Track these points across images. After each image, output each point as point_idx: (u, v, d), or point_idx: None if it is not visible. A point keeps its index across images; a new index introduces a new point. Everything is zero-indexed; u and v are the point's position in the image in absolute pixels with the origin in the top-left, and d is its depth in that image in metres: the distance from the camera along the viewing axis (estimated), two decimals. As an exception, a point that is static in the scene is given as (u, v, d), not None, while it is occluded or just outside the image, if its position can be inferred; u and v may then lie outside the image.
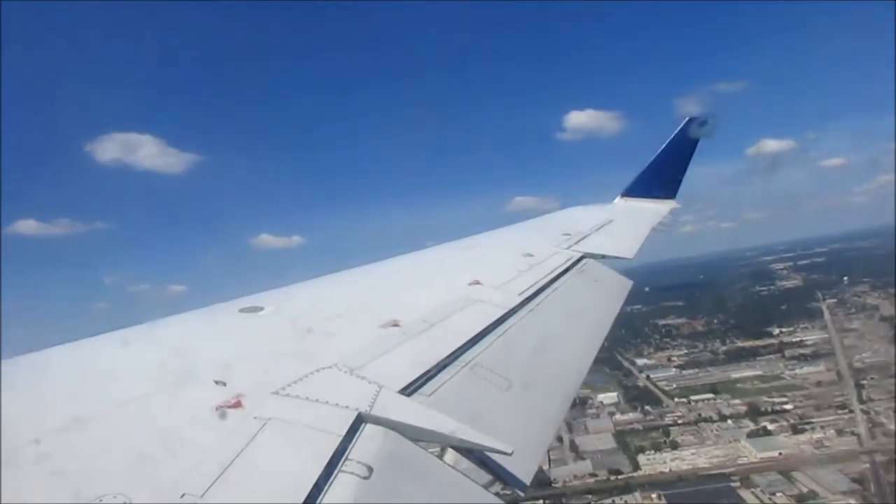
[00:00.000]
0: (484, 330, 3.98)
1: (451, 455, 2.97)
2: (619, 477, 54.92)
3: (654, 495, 50.81)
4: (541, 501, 53.55)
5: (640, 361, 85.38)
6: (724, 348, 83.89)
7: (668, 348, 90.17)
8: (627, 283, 6.47)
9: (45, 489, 1.93)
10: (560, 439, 65.03)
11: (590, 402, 73.94)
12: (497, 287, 4.93)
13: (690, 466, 54.61)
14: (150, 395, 2.58)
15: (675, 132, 11.02)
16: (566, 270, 5.90)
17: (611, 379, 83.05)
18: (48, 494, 1.91)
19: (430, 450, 2.75)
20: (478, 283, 4.90)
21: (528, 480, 2.86)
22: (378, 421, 2.60)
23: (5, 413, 2.23)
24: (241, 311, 3.87)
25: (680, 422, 63.54)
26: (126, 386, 2.67)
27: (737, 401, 65.56)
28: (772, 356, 76.00)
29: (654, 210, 10.46)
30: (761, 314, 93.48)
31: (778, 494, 48.08)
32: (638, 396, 72.73)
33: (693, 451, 57.15)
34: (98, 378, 2.86)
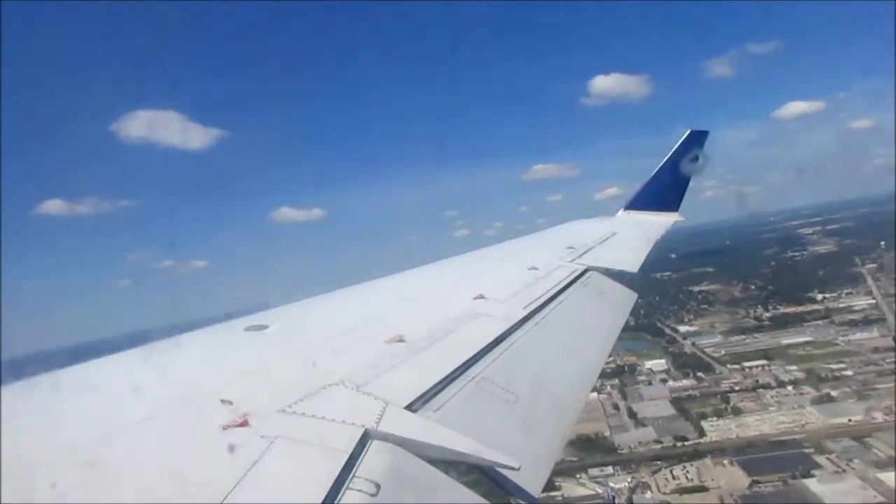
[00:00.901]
0: (489, 344, 3.99)
1: (458, 471, 2.91)
2: (686, 443, 54.61)
3: (725, 461, 50.34)
4: (610, 467, 54.26)
5: (683, 328, 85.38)
6: (767, 314, 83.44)
7: (707, 315, 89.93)
8: (632, 296, 6.52)
9: None
10: (616, 406, 65.45)
11: (638, 369, 74.28)
12: (502, 301, 4.95)
13: (758, 433, 54.06)
14: (156, 416, 2.60)
15: (678, 144, 11.09)
16: (570, 283, 5.92)
17: (653, 346, 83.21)
18: None
19: (438, 466, 2.71)
20: (482, 297, 4.92)
21: (536, 494, 2.87)
22: (385, 437, 2.62)
23: (9, 436, 2.25)
24: (247, 329, 3.92)
25: (737, 388, 62.60)
26: (132, 406, 2.69)
27: (793, 367, 64.47)
28: (820, 322, 74.96)
29: (657, 222, 10.53)
30: (799, 280, 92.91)
31: (855, 461, 47.15)
32: (687, 363, 72.56)
33: (757, 417, 56.52)
34: (104, 399, 2.89)
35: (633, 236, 9.37)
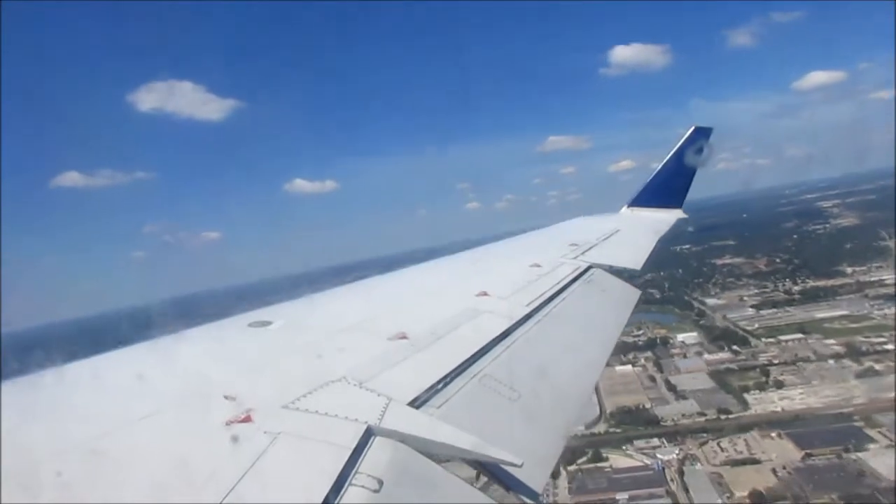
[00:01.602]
0: (492, 341, 4.00)
1: (461, 467, 2.92)
2: (730, 416, 54.78)
3: (773, 434, 50.49)
4: (655, 439, 54.67)
5: (711, 301, 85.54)
6: (796, 288, 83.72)
7: (734, 288, 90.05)
8: (635, 293, 6.51)
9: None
10: (652, 379, 65.78)
11: (670, 342, 74.53)
12: (505, 298, 4.96)
13: (804, 406, 54.28)
14: (160, 411, 2.61)
15: (682, 141, 11.09)
16: (573, 280, 5.92)
17: (683, 319, 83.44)
18: None
19: (440, 462, 2.73)
20: (485, 294, 4.94)
21: (539, 491, 2.86)
22: (387, 434, 2.63)
23: (13, 431, 2.25)
24: (251, 325, 3.94)
25: (776, 362, 62.84)
26: (136, 402, 2.70)
27: (830, 341, 64.55)
28: (852, 296, 75.33)
29: (660, 219, 10.54)
30: (825, 253, 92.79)
31: (908, 435, 47.76)
32: (720, 336, 72.59)
33: (801, 391, 56.63)
34: (108, 394, 2.90)
35: (637, 233, 9.39)
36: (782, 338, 68.02)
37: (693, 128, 11.31)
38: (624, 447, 53.39)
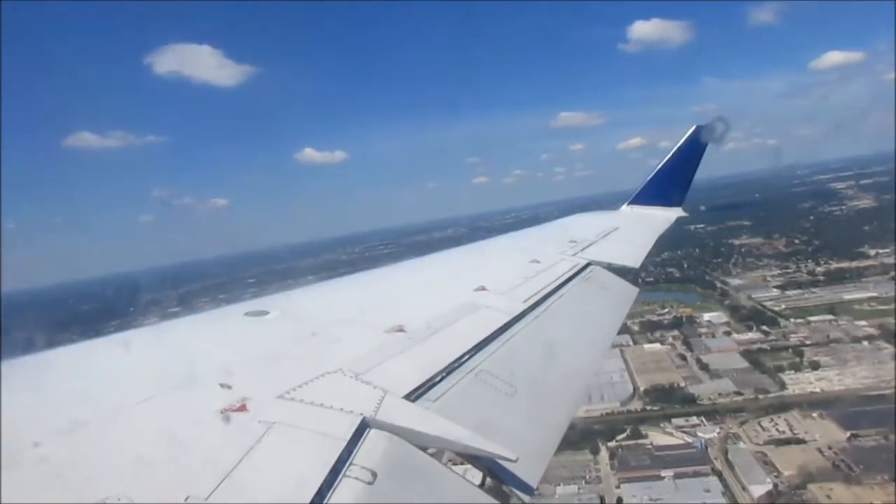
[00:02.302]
0: (489, 336, 4.01)
1: (455, 461, 2.97)
2: (768, 396, 54.93)
3: (814, 414, 50.31)
4: (694, 418, 54.92)
5: (733, 282, 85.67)
6: (819, 269, 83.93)
7: (755, 268, 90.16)
8: (633, 291, 6.48)
9: (49, 491, 1.96)
10: (683, 357, 65.94)
11: (697, 321, 74.71)
12: (503, 293, 4.98)
13: (843, 387, 54.24)
14: (155, 398, 2.61)
15: (683, 140, 11.06)
16: (572, 277, 5.93)
17: (706, 298, 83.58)
18: (51, 496, 1.93)
19: (435, 455, 2.75)
20: (484, 289, 4.94)
21: (534, 485, 2.86)
22: (383, 426, 2.63)
23: (9, 414, 2.26)
24: (247, 314, 3.95)
25: (808, 343, 63.29)
26: (132, 388, 2.70)
27: (862, 322, 64.57)
28: (879, 277, 75.71)
29: (660, 217, 10.54)
30: (844, 235, 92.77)
31: (953, 416, 47.90)
32: (748, 316, 72.80)
33: (837, 371, 56.68)
34: (104, 380, 2.90)
35: (636, 231, 9.39)
36: (812, 319, 68.14)
37: (694, 126, 11.22)
38: (662, 425, 53.65)
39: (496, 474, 2.83)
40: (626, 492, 45.25)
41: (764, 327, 68.80)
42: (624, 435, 52.65)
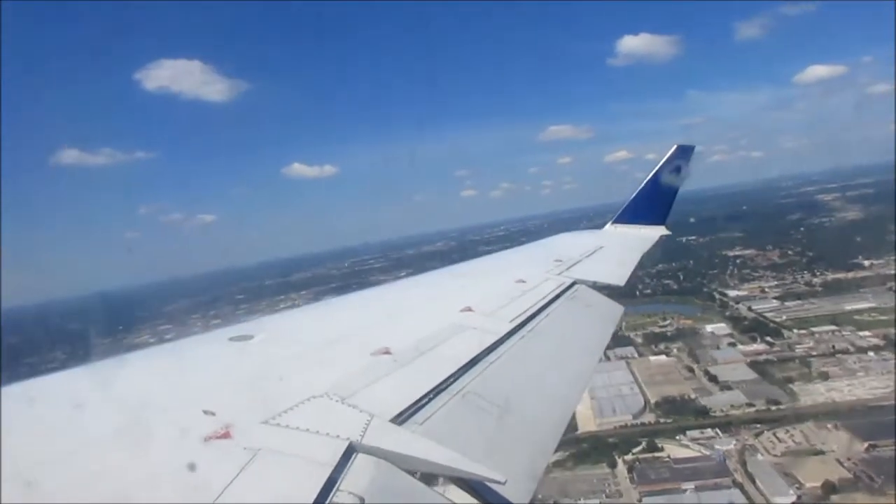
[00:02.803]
0: (476, 357, 4.00)
1: (444, 485, 2.95)
2: (780, 407, 54.76)
3: (829, 425, 50.15)
4: (709, 430, 54.82)
5: (732, 293, 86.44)
6: (816, 280, 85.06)
7: (752, 279, 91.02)
8: (619, 309, 6.52)
9: None
10: (690, 369, 66.12)
11: (699, 332, 75.11)
12: (489, 314, 4.98)
13: (854, 398, 54.09)
14: (137, 426, 2.60)
15: (665, 159, 11.31)
16: (558, 296, 5.95)
17: (705, 310, 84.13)
18: None
19: (423, 479, 2.72)
20: (469, 309, 4.95)
21: None
22: (370, 451, 2.61)
23: None
24: (231, 339, 3.92)
25: (814, 354, 63.26)
26: (113, 416, 2.69)
27: (865, 333, 64.69)
28: (877, 288, 76.49)
29: (644, 236, 10.69)
30: (837, 246, 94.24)
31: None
32: (751, 327, 73.10)
33: (847, 382, 56.58)
34: (85, 408, 2.86)
35: (621, 250, 9.50)
36: (815, 329, 68.71)
37: (676, 146, 11.46)
38: (678, 437, 53.56)
39: (485, 497, 2.81)
40: (648, 505, 45.06)
41: (768, 338, 69.07)
42: (640, 448, 52.39)
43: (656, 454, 51.41)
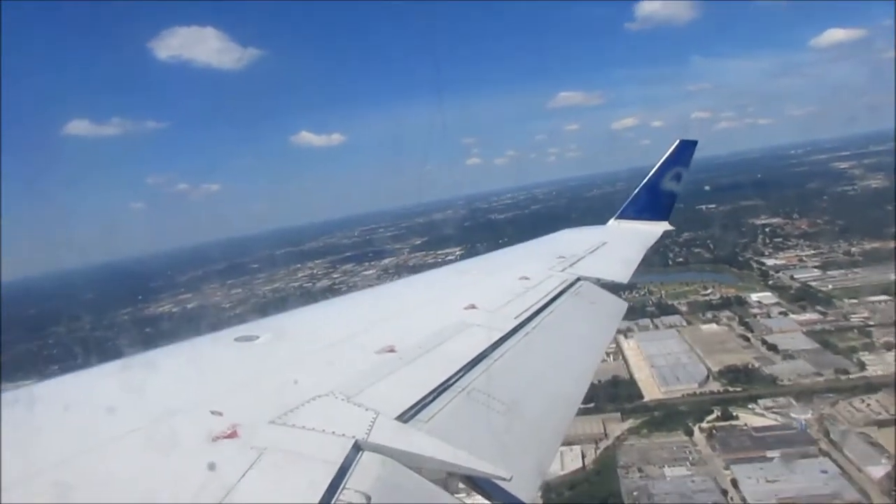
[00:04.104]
0: (480, 354, 4.00)
1: (449, 482, 2.94)
2: (850, 377, 54.51)
3: None
4: (781, 398, 54.97)
5: (769, 262, 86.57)
6: (855, 249, 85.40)
7: (786, 248, 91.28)
8: (623, 305, 6.52)
9: None
10: (745, 338, 66.29)
11: (746, 301, 75.16)
12: (493, 311, 4.99)
13: None
14: (145, 427, 2.62)
15: (668, 154, 11.25)
16: (561, 293, 5.95)
17: (744, 279, 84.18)
18: None
19: (429, 477, 2.72)
20: (473, 307, 4.96)
21: (528, 503, 2.84)
22: (375, 448, 2.62)
23: (5, 443, 2.30)
24: (237, 339, 3.96)
25: (871, 323, 62.57)
26: (122, 417, 2.71)
27: None
28: (919, 257, 77.13)
29: (647, 232, 10.71)
30: (868, 215, 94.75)
31: None
32: (798, 297, 73.46)
33: None
34: (93, 409, 2.94)
35: (624, 246, 9.50)
36: (870, 299, 68.89)
37: (678, 141, 11.33)
38: (749, 406, 53.73)
39: (490, 493, 2.80)
40: (738, 473, 45.10)
41: (819, 308, 69.14)
42: (713, 416, 52.44)
43: (733, 422, 51.53)
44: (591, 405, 57.50)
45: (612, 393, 58.48)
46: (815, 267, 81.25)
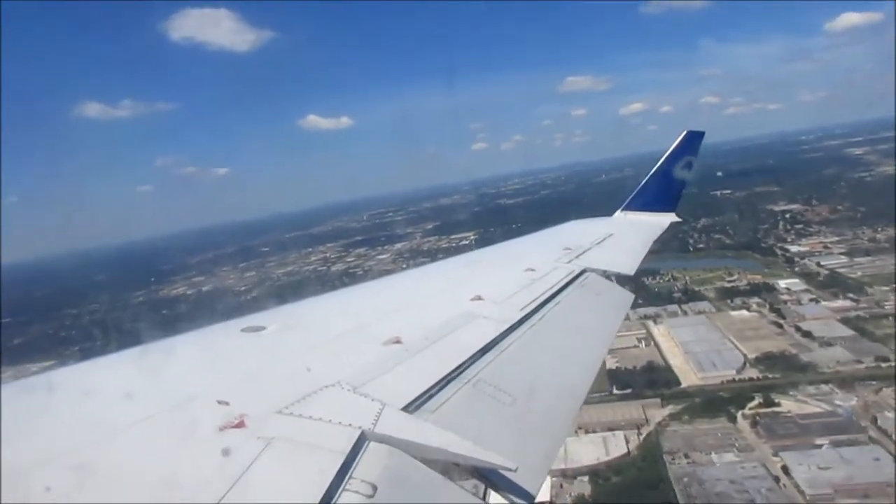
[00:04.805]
0: (486, 346, 3.98)
1: (455, 472, 2.91)
2: (891, 364, 53.15)
3: None
4: (823, 385, 54.68)
5: (793, 248, 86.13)
6: (880, 236, 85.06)
7: (809, 235, 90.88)
8: (629, 297, 6.45)
9: None
10: (778, 325, 65.85)
11: (775, 288, 74.70)
12: (499, 302, 4.95)
13: None
14: (153, 417, 2.63)
15: (675, 145, 11.09)
16: (567, 285, 5.91)
17: (768, 265, 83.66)
18: None
19: (435, 467, 2.71)
20: (480, 298, 4.94)
21: (534, 494, 2.82)
22: (382, 439, 2.61)
23: (9, 435, 2.32)
24: (244, 330, 3.98)
25: None
26: (129, 408, 2.73)
27: None
28: (946, 245, 76.70)
29: (654, 223, 10.56)
30: (889, 201, 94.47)
31: None
32: (827, 284, 72.97)
33: None
34: (100, 400, 2.95)
35: (630, 237, 9.42)
36: (902, 285, 68.30)
37: (685, 132, 11.14)
38: (792, 393, 53.40)
39: (496, 484, 2.77)
40: (788, 460, 44.70)
41: (851, 295, 68.85)
42: (755, 403, 52.11)
43: (776, 409, 51.17)
44: (629, 391, 56.86)
45: (650, 379, 58.08)
46: (842, 254, 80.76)
